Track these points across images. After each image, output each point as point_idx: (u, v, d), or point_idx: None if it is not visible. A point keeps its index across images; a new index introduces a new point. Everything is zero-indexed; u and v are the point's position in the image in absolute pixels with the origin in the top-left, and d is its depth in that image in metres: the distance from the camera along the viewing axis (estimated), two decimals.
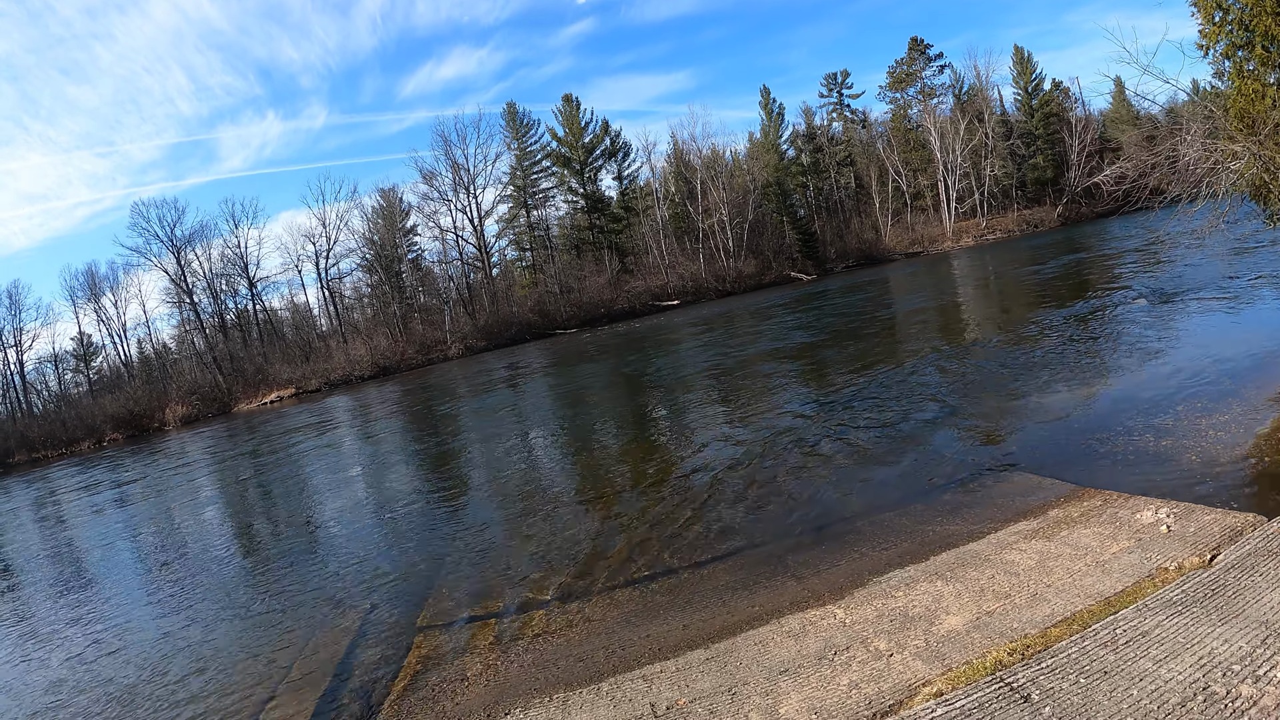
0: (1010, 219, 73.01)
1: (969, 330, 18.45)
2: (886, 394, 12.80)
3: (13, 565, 14.28)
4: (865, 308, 29.31)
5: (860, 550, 6.56)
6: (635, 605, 6.45)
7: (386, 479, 14.76)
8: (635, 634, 5.85)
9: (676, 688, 4.69)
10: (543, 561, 7.99)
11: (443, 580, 8.02)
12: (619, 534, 8.42)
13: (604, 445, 13.79)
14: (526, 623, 6.55)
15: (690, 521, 8.32)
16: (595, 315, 58.20)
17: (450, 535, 9.71)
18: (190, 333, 64.45)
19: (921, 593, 5.33)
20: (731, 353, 23.08)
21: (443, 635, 6.63)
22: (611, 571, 7.36)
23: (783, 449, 10.63)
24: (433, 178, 63.59)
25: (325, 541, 10.77)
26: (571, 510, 9.80)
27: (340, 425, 26.67)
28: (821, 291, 42.81)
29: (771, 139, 77.79)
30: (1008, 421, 9.80)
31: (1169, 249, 27.26)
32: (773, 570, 6.56)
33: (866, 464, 9.22)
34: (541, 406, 21.28)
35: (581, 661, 5.56)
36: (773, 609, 5.70)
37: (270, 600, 8.47)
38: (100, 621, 9.00)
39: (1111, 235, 40.30)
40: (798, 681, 4.41)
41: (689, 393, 17.40)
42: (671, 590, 6.61)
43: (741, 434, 12.06)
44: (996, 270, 35.14)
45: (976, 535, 6.33)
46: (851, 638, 4.83)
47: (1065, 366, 12.17)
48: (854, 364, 16.46)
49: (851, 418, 11.60)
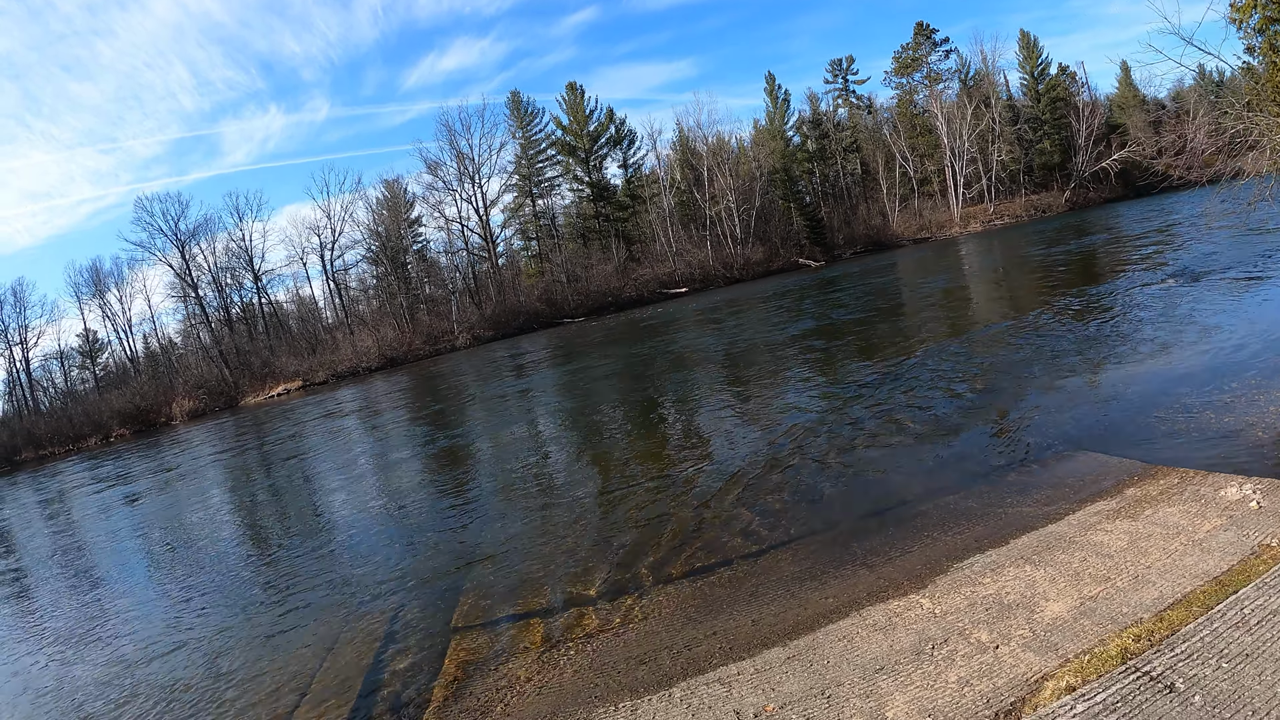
0: (1018, 204, 72.56)
1: (999, 311, 17.94)
2: (925, 375, 12.37)
3: (23, 564, 13.95)
4: (884, 291, 28.89)
5: (931, 535, 6.16)
6: (693, 599, 6.01)
7: (399, 472, 14.23)
8: (700, 632, 5.38)
9: (760, 691, 4.22)
10: (581, 555, 7.53)
11: (473, 577, 7.52)
12: (661, 523, 7.94)
13: (628, 432, 13.30)
14: (575, 621, 6.09)
15: (737, 508, 7.90)
16: (603, 304, 57.82)
17: (474, 529, 9.20)
18: (196, 327, 64.37)
19: (1011, 578, 4.94)
20: (750, 337, 22.68)
21: (482, 637, 6.15)
22: (660, 563, 6.90)
23: (824, 432, 10.20)
24: (437, 168, 63.29)
25: (341, 538, 10.22)
26: (603, 500, 9.35)
27: (349, 417, 26.17)
28: (833, 277, 42.35)
29: (777, 125, 77.23)
30: (1059, 400, 9.38)
31: (1187, 230, 26.92)
32: (840, 558, 6.15)
33: (918, 445, 8.80)
34: (555, 395, 20.72)
35: (644, 664, 5.08)
36: (849, 600, 5.27)
37: (287, 602, 8.00)
38: (110, 627, 8.58)
39: (1122, 219, 39.86)
40: (898, 680, 4.00)
41: (711, 378, 16.96)
42: (731, 582, 6.16)
43: (776, 417, 11.61)
44: (1016, 253, 34.64)
45: (1054, 517, 5.93)
46: (946, 629, 4.43)
47: (1108, 345, 11.78)
48: (884, 346, 16.03)
49: (891, 399, 11.18)
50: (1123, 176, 74.48)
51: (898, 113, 78.64)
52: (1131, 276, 18.39)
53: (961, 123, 70.33)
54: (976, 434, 8.77)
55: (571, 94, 71.45)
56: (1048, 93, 78.58)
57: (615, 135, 72.82)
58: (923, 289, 27.59)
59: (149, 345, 68.26)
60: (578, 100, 71.31)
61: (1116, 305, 14.84)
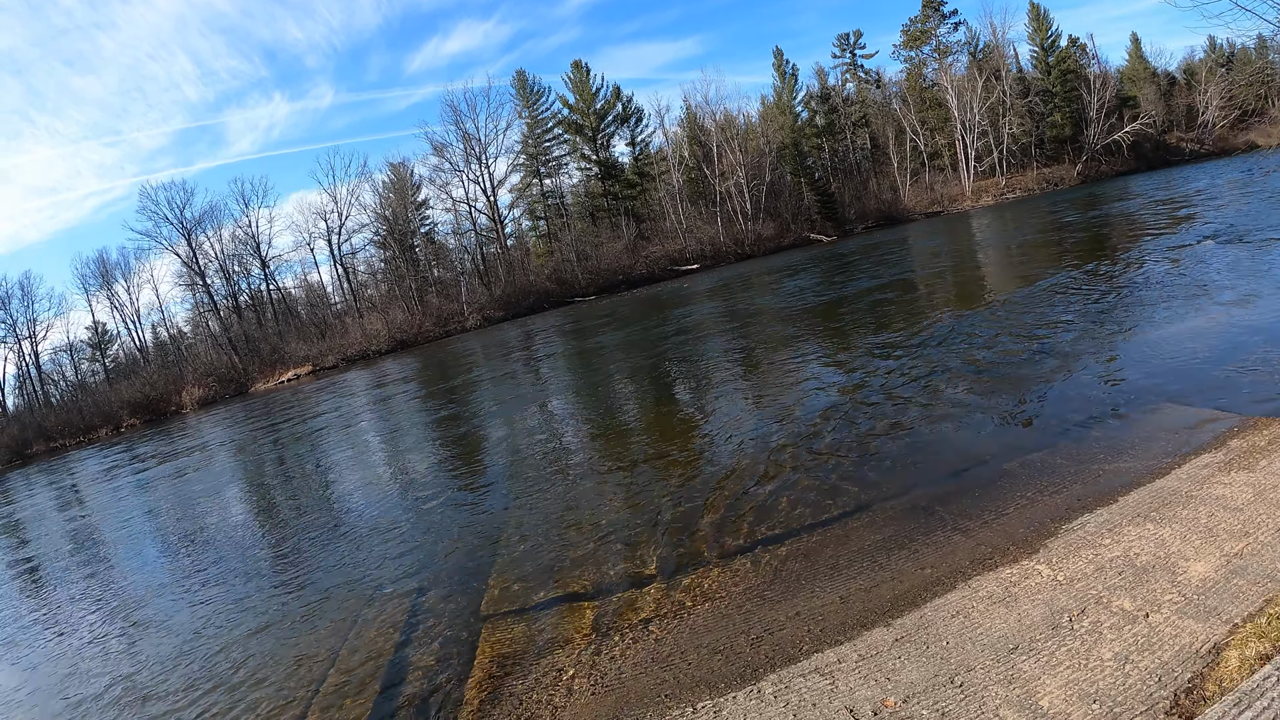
0: (1030, 177, 71.74)
1: (1040, 272, 17.01)
2: (971, 336, 11.72)
3: (34, 554, 13.41)
4: (905, 262, 28.18)
5: (1023, 495, 5.57)
6: (763, 576, 5.34)
7: (413, 451, 13.57)
8: (779, 613, 4.72)
9: (873, 682, 3.60)
10: (624, 530, 6.82)
11: (501, 558, 6.84)
12: (709, 493, 7.28)
13: (654, 403, 12.65)
14: (627, 605, 5.37)
15: (793, 475, 7.24)
16: (613, 282, 57.11)
17: (497, 507, 8.52)
18: (204, 315, 63.83)
19: (1135, 538, 4.37)
20: (772, 308, 22.01)
21: (517, 625, 5.45)
22: (716, 536, 6.23)
23: (873, 394, 9.58)
24: (443, 149, 62.24)
25: (353, 521, 9.47)
26: (638, 472, 8.61)
27: (359, 400, 25.52)
28: (848, 251, 41.59)
29: (786, 101, 76.15)
30: (1125, 355, 8.79)
31: (1214, 196, 26.23)
32: (925, 524, 5.52)
33: (982, 404, 8.20)
34: (571, 371, 20.00)
35: (719, 653, 4.38)
36: (950, 570, 4.67)
37: (297, 588, 7.36)
38: (118, 617, 8.02)
39: (1138, 191, 38.80)
40: (1041, 661, 3.41)
41: (737, 348, 16.32)
42: (804, 555, 5.51)
43: (815, 382, 10.99)
44: (1039, 221, 33.86)
45: (1159, 471, 5.38)
46: (1079, 598, 3.86)
47: (1162, 301, 11.15)
48: (920, 311, 15.39)
49: (941, 360, 10.55)
50: (1135, 149, 73.78)
51: (907, 86, 77.55)
52: (1169, 239, 17.72)
53: (972, 95, 69.36)
54: (1043, 391, 8.14)
55: (577, 72, 70.50)
56: (1058, 65, 77.30)
57: (622, 113, 71.89)
58: (947, 258, 26.86)
59: (158, 335, 68.05)
60: (583, 78, 70.34)
61: (1161, 264, 14.19)
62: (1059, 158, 75.16)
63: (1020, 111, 72.63)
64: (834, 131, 78.00)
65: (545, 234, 69.54)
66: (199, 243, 60.82)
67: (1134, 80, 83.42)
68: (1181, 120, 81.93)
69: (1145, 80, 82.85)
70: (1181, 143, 79.07)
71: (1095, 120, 72.36)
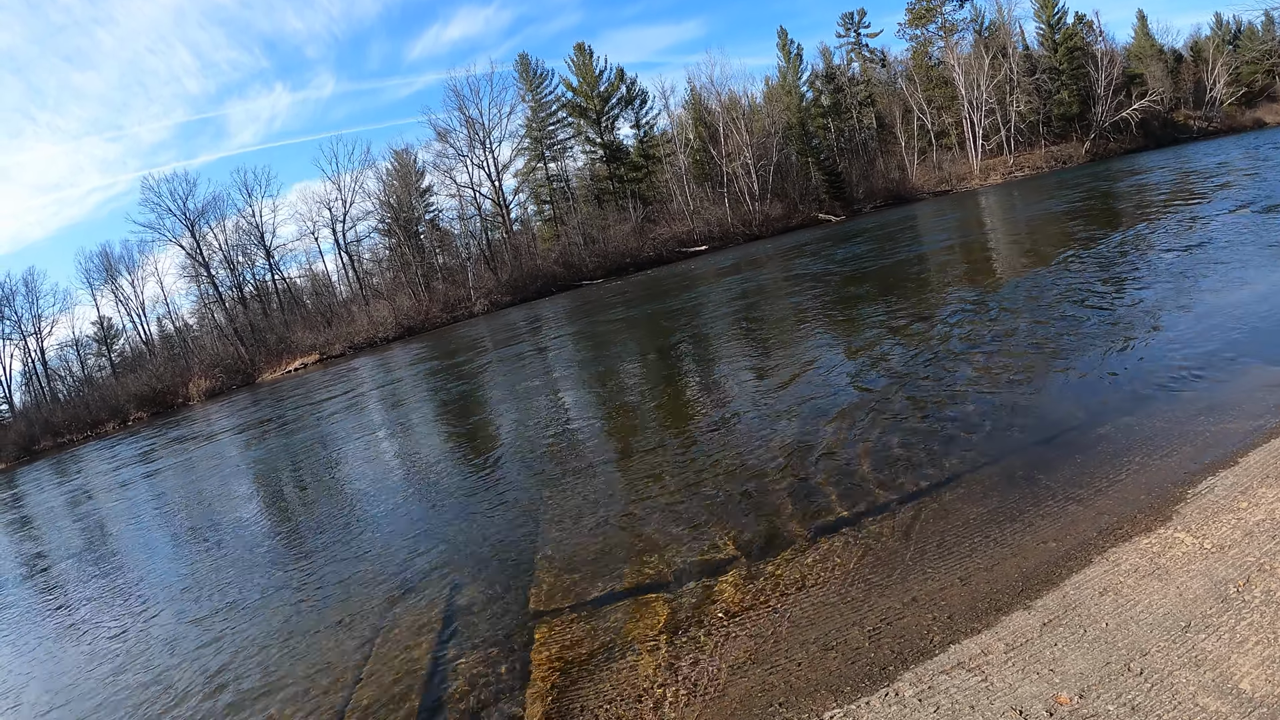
0: (1038, 155, 71.08)
1: (1074, 242, 16.40)
2: (1028, 301, 11.26)
3: (43, 553, 12.96)
4: (930, 236, 27.73)
5: (1131, 460, 5.21)
6: (860, 557, 4.81)
7: (428, 437, 13.03)
8: (892, 600, 4.22)
9: (1035, 676, 3.14)
10: (683, 510, 6.24)
11: (544, 547, 6.23)
12: (774, 468, 6.71)
13: (692, 377, 12.17)
14: (706, 597, 4.75)
15: (864, 444, 6.81)
16: (621, 264, 56.63)
17: (533, 491, 7.85)
18: (210, 306, 63.43)
19: (1274, 500, 4.06)
20: (799, 281, 21.61)
21: (577, 624, 4.78)
22: (794, 515, 5.66)
23: (934, 359, 9.14)
24: (447, 135, 61.71)
25: (370, 511, 8.88)
26: (689, 448, 7.99)
27: (367, 386, 25.02)
28: (860, 229, 41.10)
29: (791, 81, 75.43)
30: (1190, 317, 8.43)
31: (1233, 171, 25.86)
32: (1031, 493, 5.10)
33: (1055, 368, 7.75)
34: (591, 349, 19.28)
35: (833, 650, 3.84)
36: (1078, 543, 4.27)
37: (316, 587, 6.76)
38: (125, 617, 7.51)
39: (1150, 167, 38.12)
40: (1224, 638, 3.06)
41: (769, 320, 15.88)
42: (902, 532, 5.01)
43: (865, 351, 10.49)
44: (1062, 194, 33.40)
45: (1272, 431, 5.06)
46: (1239, 567, 3.53)
47: (1215, 264, 10.80)
48: (969, 278, 15.03)
49: (1001, 323, 10.15)
50: (1143, 126, 73.25)
51: (913, 65, 76.89)
52: (1198, 209, 17.32)
53: (979, 73, 68.61)
54: (1118, 354, 7.73)
55: (580, 55, 69.82)
56: (1065, 42, 76.62)
57: (626, 95, 71.21)
58: (973, 231, 26.38)
59: (163, 328, 67.72)
60: (586, 61, 69.67)
61: (1197, 231, 13.79)
62: (1067, 136, 74.55)
63: (1027, 89, 71.98)
64: (840, 111, 77.36)
65: (551, 218, 68.93)
66: (203, 234, 60.55)
67: (1140, 57, 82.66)
68: (1189, 98, 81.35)
69: (1152, 57, 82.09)
70: (1189, 120, 78.51)
71: (1103, 98, 71.70)
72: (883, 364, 9.58)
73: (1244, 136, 58.73)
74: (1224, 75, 79.63)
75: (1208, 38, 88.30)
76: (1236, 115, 78.33)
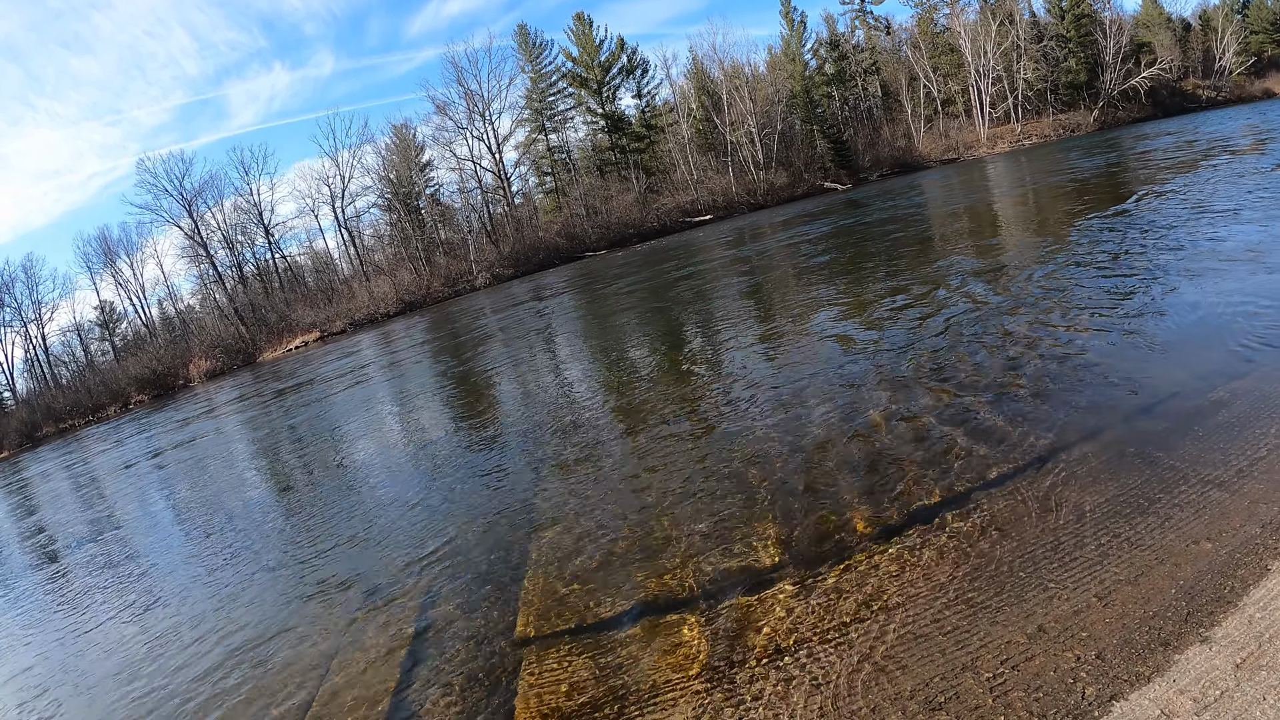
0: (1045, 124, 70.19)
1: (1115, 202, 15.55)
2: (1073, 259, 10.23)
3: (49, 541, 12.20)
4: (946, 201, 27.03)
5: (1268, 430, 4.42)
6: (950, 567, 3.82)
7: (421, 414, 12.23)
8: (1010, 630, 3.23)
9: None
10: (710, 504, 5.20)
11: (540, 549, 5.27)
12: (816, 450, 5.72)
13: (711, 346, 11.18)
14: (749, 622, 3.75)
15: (921, 417, 5.82)
16: (624, 235, 56.02)
17: (527, 479, 6.92)
18: (209, 287, 63.06)
19: None
20: (818, 242, 20.92)
21: (577, 659, 3.84)
22: (851, 511, 4.62)
23: (986, 317, 8.21)
24: (445, 108, 61.01)
25: (345, 505, 7.97)
26: (711, 429, 6.87)
27: (365, 362, 24.20)
28: (867, 196, 40.32)
29: (794, 49, 74.39)
30: (1260, 268, 7.62)
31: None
32: (1155, 475, 4.19)
33: (1128, 327, 6.83)
34: (596, 319, 18.65)
35: (941, 711, 2.83)
36: (1242, 543, 3.40)
37: (255, 599, 5.97)
38: (122, 616, 6.86)
39: (1162, 134, 36.96)
40: None
41: (789, 285, 15.19)
42: (998, 530, 4.05)
43: (906, 313, 9.44)
44: (1080, 160, 32.64)
45: None
46: None
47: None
48: (1005, 239, 14.31)
49: (1054, 283, 9.07)
50: (1152, 95, 72.39)
51: (918, 32, 75.86)
52: (1238, 164, 16.61)
53: (985, 40, 67.66)
54: (1197, 308, 6.87)
55: (580, 24, 68.75)
56: (1072, 9, 75.30)
57: (628, 65, 70.18)
58: (994, 194, 25.68)
59: (164, 310, 67.44)
60: (586, 31, 68.62)
61: (1246, 182, 13.13)
62: (1074, 104, 73.56)
63: (1035, 57, 70.91)
64: (844, 80, 76.31)
65: (553, 190, 68.36)
66: (201, 214, 59.95)
67: (1149, 26, 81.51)
68: (1198, 67, 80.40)
69: (1160, 25, 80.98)
70: (1198, 89, 77.60)
71: (1111, 66, 70.79)
72: (928, 324, 8.63)
73: (1256, 106, 57.80)
74: (1233, 44, 78.75)
75: (1216, 6, 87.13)
76: (1245, 85, 77.51)
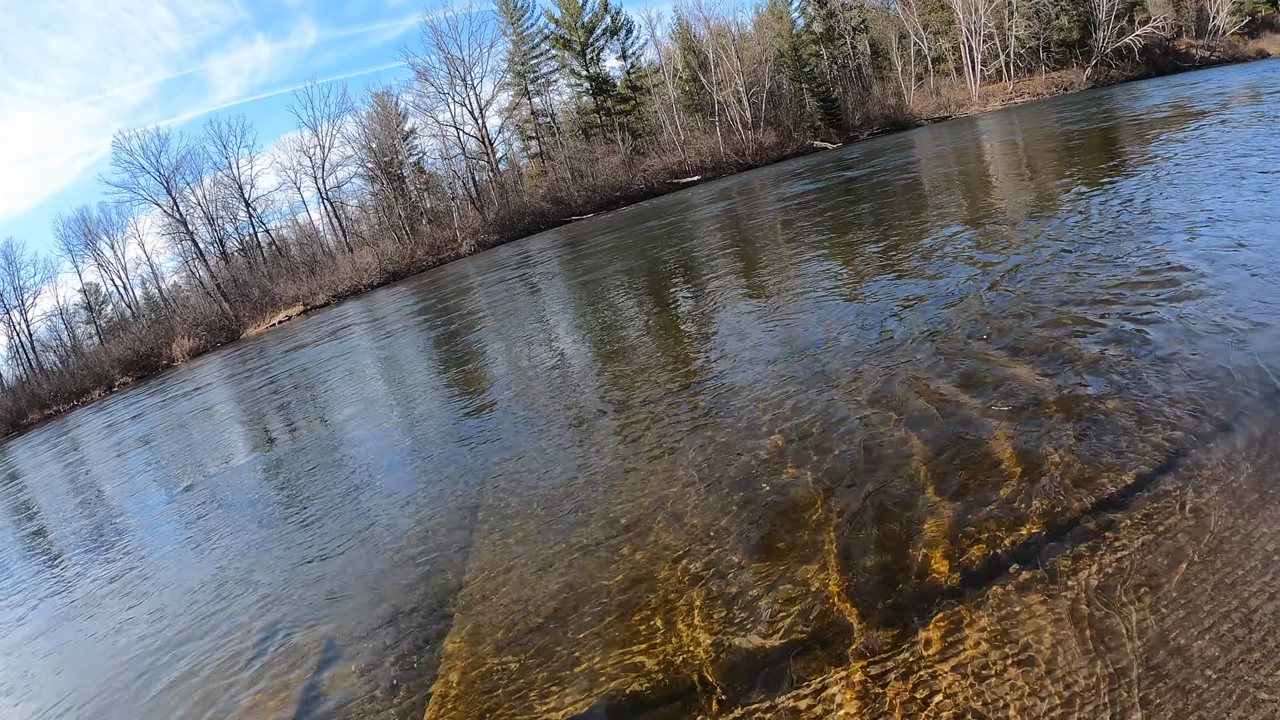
0: (1038, 81, 69.21)
1: (1144, 150, 14.69)
2: (1121, 206, 9.27)
3: (42, 528, 11.18)
4: (946, 154, 26.16)
5: None
6: (1093, 632, 2.62)
7: (404, 390, 10.97)
8: None
9: None
10: (724, 524, 3.95)
11: (486, 593, 4.11)
12: (866, 444, 4.44)
13: (720, 311, 10.01)
14: None
15: (986, 406, 4.53)
16: (611, 198, 55.21)
17: (473, 488, 5.76)
18: (192, 264, 62.01)
19: None
20: (804, 200, 19.97)
21: (516, 678, 3.08)
22: (923, 535, 3.43)
23: (1044, 273, 6.90)
24: (426, 74, 59.94)
25: (299, 492, 7.29)
26: (729, 418, 5.50)
27: (349, 334, 23.07)
28: (859, 154, 39.33)
29: (781, 8, 73.20)
30: None
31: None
32: None
33: (1203, 284, 5.64)
34: (584, 285, 17.40)
35: None
36: None
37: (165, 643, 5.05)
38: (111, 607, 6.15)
39: (1156, 92, 35.65)
40: None
41: (787, 240, 14.32)
42: (1146, 577, 2.80)
43: (927, 270, 8.25)
44: (1083, 115, 31.69)
45: None
46: None
47: None
48: (999, 194, 13.60)
49: (1111, 236, 7.82)
50: (1145, 54, 71.48)
51: None
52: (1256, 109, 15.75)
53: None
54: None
55: None
56: None
57: (611, 25, 68.80)
58: (994, 146, 24.81)
59: (148, 290, 66.23)
60: None
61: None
62: (1067, 62, 72.58)
63: (1027, 14, 69.86)
64: (833, 38, 75.12)
65: (537, 154, 67.18)
66: (180, 191, 58.77)
67: None
68: (1191, 26, 79.36)
69: None
70: (1192, 49, 76.64)
71: (1104, 24, 69.80)
72: (977, 279, 7.38)
73: (1250, 66, 56.73)
74: (1227, 4, 77.68)
75: None
76: (1239, 45, 76.47)
